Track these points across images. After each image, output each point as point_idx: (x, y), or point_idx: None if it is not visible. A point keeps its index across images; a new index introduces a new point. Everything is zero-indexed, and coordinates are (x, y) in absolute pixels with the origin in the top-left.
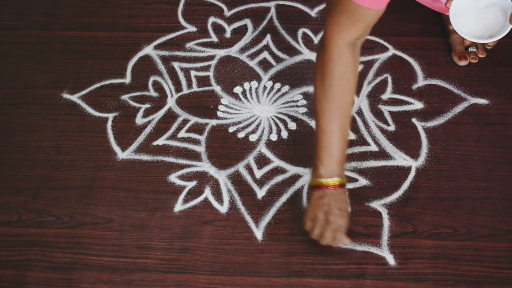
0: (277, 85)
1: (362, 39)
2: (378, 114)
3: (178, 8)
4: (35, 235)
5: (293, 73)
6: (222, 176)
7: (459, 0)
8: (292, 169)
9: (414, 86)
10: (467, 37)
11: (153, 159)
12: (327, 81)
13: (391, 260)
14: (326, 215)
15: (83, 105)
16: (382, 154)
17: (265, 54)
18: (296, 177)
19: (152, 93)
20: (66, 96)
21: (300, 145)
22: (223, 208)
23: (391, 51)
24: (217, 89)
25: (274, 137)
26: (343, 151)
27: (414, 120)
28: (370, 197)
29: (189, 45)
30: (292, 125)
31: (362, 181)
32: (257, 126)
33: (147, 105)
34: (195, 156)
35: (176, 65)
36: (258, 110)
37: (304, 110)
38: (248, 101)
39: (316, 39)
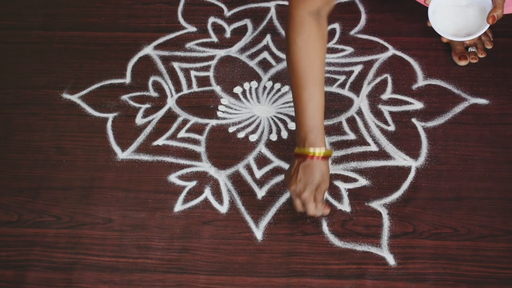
0: (277, 85)
1: (327, 9)
2: (378, 114)
3: (178, 8)
4: (35, 235)
5: None
6: (222, 176)
7: None
8: None
9: (414, 86)
10: (444, 35)
11: (153, 159)
12: (291, 48)
13: (391, 260)
14: (308, 184)
15: (83, 105)
16: (382, 154)
17: (265, 54)
18: None
19: (152, 93)
20: (66, 96)
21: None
22: (223, 208)
23: (391, 51)
24: (217, 89)
25: (274, 137)
26: (322, 118)
27: (414, 120)
28: (370, 197)
29: (189, 45)
30: (292, 125)
31: (362, 181)
32: (257, 126)
33: (147, 105)
34: (195, 156)
35: (176, 65)
36: (258, 110)
37: None
38: (248, 101)
39: None
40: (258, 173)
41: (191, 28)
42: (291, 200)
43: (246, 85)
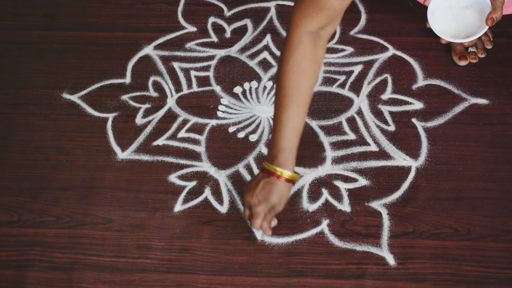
0: None
1: (329, 31)
2: (378, 114)
3: (178, 8)
4: (35, 235)
5: None
6: (222, 176)
7: None
8: None
9: (414, 86)
10: (443, 36)
11: (153, 159)
12: (283, 66)
13: (391, 260)
14: (264, 200)
15: (83, 105)
16: (382, 154)
17: (265, 54)
18: None
19: (152, 93)
20: (66, 96)
21: (300, 145)
22: (223, 208)
23: (391, 51)
24: (217, 89)
25: None
26: (297, 140)
27: (414, 120)
28: (370, 197)
29: (189, 45)
30: None
31: (362, 181)
32: (257, 126)
33: (147, 105)
34: (195, 156)
35: (176, 65)
36: (258, 110)
37: None
38: (248, 101)
39: None
40: None
41: (191, 28)
42: (241, 204)
43: (246, 85)
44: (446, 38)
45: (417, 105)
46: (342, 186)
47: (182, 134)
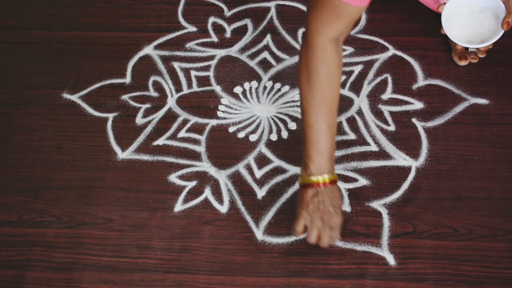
0: (277, 85)
1: (345, 35)
2: (378, 114)
3: (178, 8)
4: (35, 235)
5: (293, 73)
6: (222, 176)
7: (452, 5)
8: (292, 169)
9: (414, 86)
10: (458, 42)
11: (153, 159)
12: (312, 77)
13: (391, 260)
14: (321, 215)
15: (83, 105)
16: (382, 154)
17: (265, 54)
18: (296, 177)
19: (152, 93)
20: (66, 96)
21: (300, 145)
22: (223, 208)
23: (391, 51)
24: (217, 89)
25: (274, 137)
26: (332, 147)
27: (414, 120)
28: (370, 197)
29: (189, 45)
30: (292, 125)
31: (362, 181)
32: (257, 126)
33: (147, 105)
34: (195, 156)
35: (176, 65)
36: (258, 110)
37: None
38: (248, 101)
39: None
40: (258, 173)
41: (191, 28)
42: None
43: (246, 85)
44: (462, 44)
45: (417, 105)
46: (342, 186)
47: (182, 134)
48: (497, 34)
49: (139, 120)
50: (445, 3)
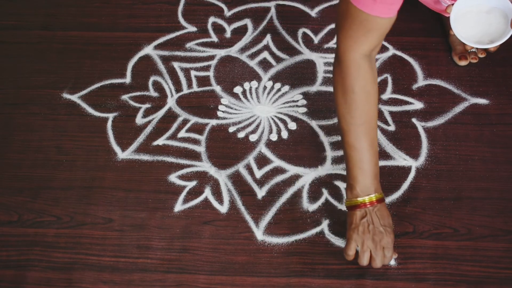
0: (277, 85)
1: (377, 49)
2: (378, 114)
3: (178, 8)
4: (35, 235)
5: (293, 73)
6: (222, 176)
7: (460, 5)
8: (292, 169)
9: (414, 86)
10: (467, 42)
11: (153, 159)
12: (348, 96)
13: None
14: (372, 235)
15: (83, 105)
16: (382, 154)
17: (265, 54)
18: (296, 177)
19: (152, 93)
20: (66, 96)
21: (300, 145)
22: (223, 208)
23: (391, 51)
24: (217, 89)
25: (274, 137)
26: (376, 165)
27: (414, 120)
28: None
29: (189, 45)
30: (292, 125)
31: None
32: (257, 126)
33: (147, 105)
34: (195, 156)
35: (176, 65)
36: (258, 110)
37: (304, 110)
38: (248, 101)
39: (316, 39)
40: (258, 173)
41: (191, 28)
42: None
43: (246, 85)
44: (471, 44)
45: (417, 105)
46: (342, 186)
47: (182, 134)
48: (506, 34)
49: (139, 120)
50: (453, 4)
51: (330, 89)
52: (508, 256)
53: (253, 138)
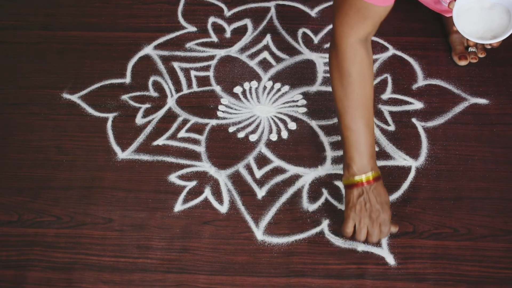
0: (277, 85)
1: (373, 34)
2: (378, 114)
3: (178, 8)
4: (35, 235)
5: (293, 73)
6: (222, 176)
7: (462, 1)
8: (292, 169)
9: (414, 86)
10: (470, 38)
11: (153, 159)
12: (345, 79)
13: (391, 260)
14: (369, 213)
15: (83, 105)
16: (382, 154)
17: (265, 54)
18: (296, 177)
19: (152, 93)
20: (66, 96)
21: (300, 145)
22: (223, 208)
23: (391, 51)
24: (217, 89)
25: (274, 137)
26: (372, 145)
27: (414, 120)
28: None
29: (189, 45)
30: (292, 125)
31: None
32: (257, 126)
33: (147, 105)
34: (195, 156)
35: (176, 65)
36: (258, 110)
37: (304, 110)
38: (248, 101)
39: (316, 39)
40: (258, 173)
41: (191, 28)
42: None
43: (246, 85)
44: (474, 40)
45: (417, 105)
46: (342, 185)
47: (182, 134)
48: (509, 30)
49: (139, 120)
50: (455, 0)
51: (330, 89)
52: (508, 256)
53: (253, 138)
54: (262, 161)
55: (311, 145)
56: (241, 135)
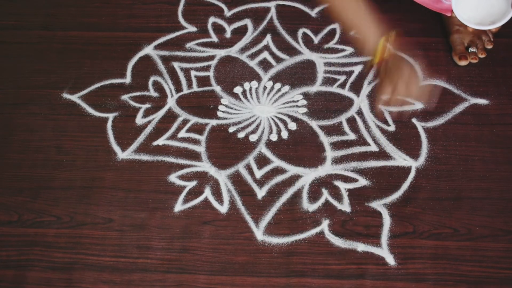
0: (277, 85)
1: None
2: (378, 114)
3: (178, 8)
4: (35, 235)
5: (293, 73)
6: (222, 176)
7: None
8: (292, 169)
9: None
10: (469, 24)
11: (153, 159)
12: None
13: (391, 260)
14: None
15: (83, 105)
16: (382, 154)
17: (265, 54)
18: (296, 177)
19: (152, 93)
20: (66, 96)
21: (300, 145)
22: (223, 208)
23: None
24: (217, 89)
25: (274, 137)
26: None
27: (414, 120)
28: (370, 197)
29: (189, 45)
30: (292, 125)
31: (362, 181)
32: (257, 126)
33: (147, 105)
34: (195, 156)
35: (176, 65)
36: (258, 110)
37: (304, 110)
38: (248, 101)
39: (316, 39)
40: (258, 173)
41: (191, 28)
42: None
43: (246, 85)
44: (472, 26)
45: (417, 105)
46: (342, 186)
47: (182, 134)
48: (507, 15)
49: (139, 120)
50: None
51: (330, 89)
52: (508, 256)
53: (253, 138)
54: (262, 161)
55: (311, 145)
56: (241, 135)
